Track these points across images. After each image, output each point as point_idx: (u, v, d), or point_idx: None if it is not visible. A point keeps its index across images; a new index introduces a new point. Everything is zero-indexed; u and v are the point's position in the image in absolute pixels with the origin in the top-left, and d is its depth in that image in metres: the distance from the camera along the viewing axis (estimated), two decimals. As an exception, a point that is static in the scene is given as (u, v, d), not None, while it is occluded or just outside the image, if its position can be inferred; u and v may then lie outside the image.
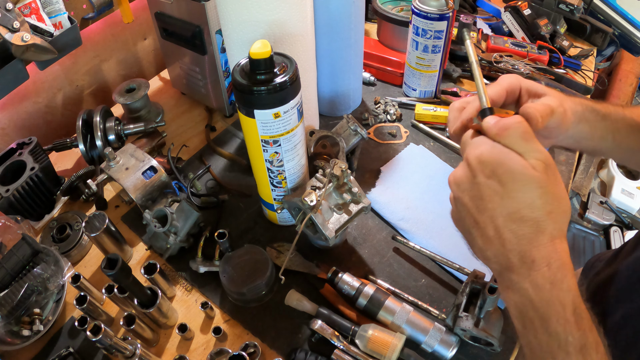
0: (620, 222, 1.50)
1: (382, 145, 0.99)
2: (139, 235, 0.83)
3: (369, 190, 0.88)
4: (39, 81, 1.01)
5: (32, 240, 0.73)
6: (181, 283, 0.77)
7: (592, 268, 0.78)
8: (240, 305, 0.73)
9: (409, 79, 1.07)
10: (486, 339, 0.62)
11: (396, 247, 0.80)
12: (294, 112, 0.64)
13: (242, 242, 0.80)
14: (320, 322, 0.66)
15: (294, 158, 0.70)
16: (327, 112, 1.05)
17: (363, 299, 0.69)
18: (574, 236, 1.48)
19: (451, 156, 0.95)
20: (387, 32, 1.13)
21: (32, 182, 0.81)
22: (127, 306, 0.70)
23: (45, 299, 0.72)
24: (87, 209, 0.89)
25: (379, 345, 0.63)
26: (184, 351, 0.69)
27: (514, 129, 0.42)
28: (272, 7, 0.70)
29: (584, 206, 1.52)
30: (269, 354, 0.67)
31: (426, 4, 0.94)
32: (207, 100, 1.07)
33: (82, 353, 0.68)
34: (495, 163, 0.42)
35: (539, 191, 0.40)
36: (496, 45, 1.17)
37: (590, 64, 1.22)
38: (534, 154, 0.41)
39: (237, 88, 0.61)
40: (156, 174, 0.79)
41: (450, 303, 0.72)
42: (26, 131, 1.02)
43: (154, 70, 1.28)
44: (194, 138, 1.03)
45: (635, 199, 1.52)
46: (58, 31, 0.86)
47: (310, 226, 0.71)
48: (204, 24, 0.88)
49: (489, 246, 0.43)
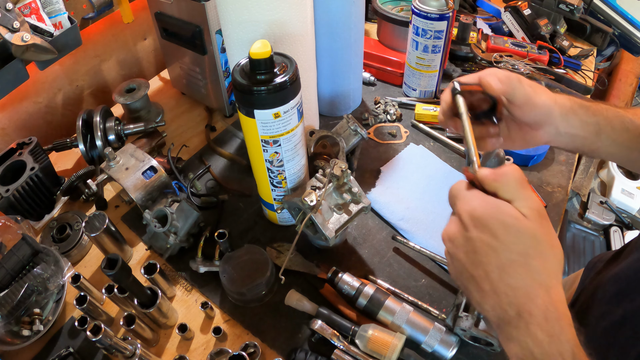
0: (620, 222, 1.50)
1: (382, 145, 0.99)
2: (139, 235, 0.83)
3: (369, 190, 0.88)
4: (39, 81, 1.01)
5: (32, 240, 0.73)
6: (181, 283, 0.77)
7: (593, 268, 0.78)
8: (240, 305, 0.73)
9: (409, 79, 1.07)
10: (486, 339, 0.62)
11: (396, 247, 0.80)
12: (294, 112, 0.64)
13: (242, 242, 0.80)
14: (320, 322, 0.66)
15: (294, 158, 0.70)
16: (327, 112, 1.05)
17: (363, 299, 0.69)
18: (574, 236, 1.48)
19: (451, 156, 0.95)
20: (387, 32, 1.13)
21: (32, 182, 0.81)
22: (127, 306, 0.70)
23: (45, 299, 0.72)
24: (87, 209, 0.89)
25: (379, 345, 0.63)
26: (184, 351, 0.69)
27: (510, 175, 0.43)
28: (272, 7, 0.70)
29: (584, 206, 1.52)
30: (269, 354, 0.67)
31: (426, 4, 0.94)
32: (207, 100, 1.07)
33: (82, 353, 0.68)
34: (487, 217, 0.42)
35: (532, 241, 0.41)
36: (496, 45, 1.17)
37: (590, 64, 1.22)
38: (527, 202, 0.42)
39: (237, 88, 0.61)
40: (156, 174, 0.79)
41: (450, 303, 0.72)
42: (26, 131, 1.02)
43: (154, 70, 1.28)
44: (194, 138, 1.03)
45: (635, 199, 1.52)
46: (58, 31, 0.86)
47: (310, 226, 0.71)
48: (204, 24, 0.88)
49: (486, 300, 0.43)
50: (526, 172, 0.91)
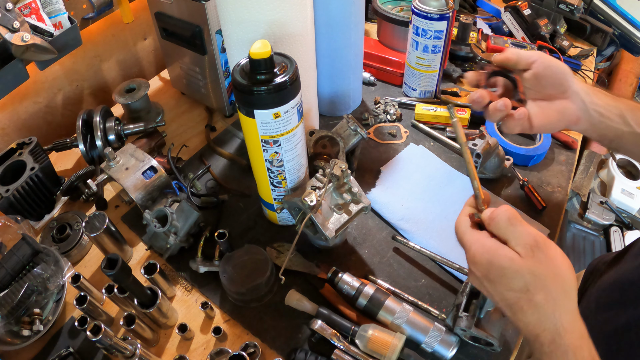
0: (620, 222, 1.49)
1: (382, 145, 0.99)
2: (139, 235, 0.83)
3: (369, 190, 0.88)
4: (39, 81, 1.01)
5: (32, 240, 0.73)
6: (181, 283, 0.77)
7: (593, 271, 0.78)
8: (240, 305, 0.73)
9: (409, 79, 1.07)
10: (486, 339, 0.62)
11: (396, 247, 0.80)
12: (294, 112, 0.64)
13: (242, 242, 0.80)
14: (320, 322, 0.66)
15: (294, 158, 0.70)
16: (327, 112, 1.05)
17: (363, 299, 0.69)
18: (574, 236, 1.47)
19: (451, 156, 0.95)
20: (387, 32, 1.13)
21: (32, 182, 0.81)
22: (127, 306, 0.70)
23: (45, 299, 0.72)
24: (87, 209, 0.89)
25: (379, 345, 0.63)
26: (184, 351, 0.69)
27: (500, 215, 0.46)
28: (272, 7, 0.70)
29: (584, 206, 1.52)
30: (269, 354, 0.67)
31: (426, 4, 0.94)
32: (207, 100, 1.07)
33: (82, 353, 0.68)
34: (485, 262, 0.46)
35: (530, 277, 0.43)
36: (496, 45, 1.17)
37: (590, 64, 1.22)
38: (520, 239, 0.44)
39: (237, 88, 0.61)
40: (156, 174, 0.79)
41: (450, 303, 0.72)
42: (26, 131, 1.02)
43: (154, 70, 1.28)
44: (194, 138, 1.03)
45: (635, 199, 1.52)
46: (58, 31, 0.86)
47: (310, 226, 0.71)
48: (204, 24, 0.88)
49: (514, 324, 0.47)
50: (526, 172, 0.91)
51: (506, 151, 0.92)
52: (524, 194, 0.87)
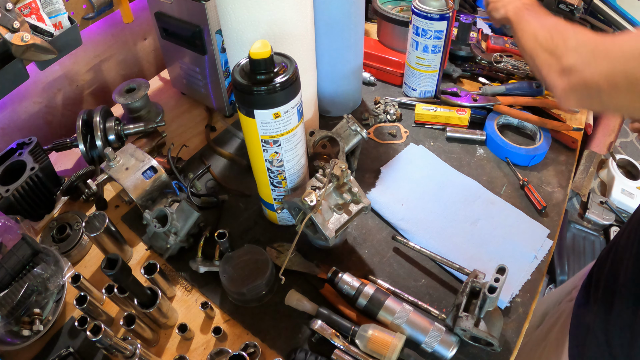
0: (621, 222, 1.49)
1: (382, 145, 0.99)
2: (139, 235, 0.83)
3: (369, 190, 0.88)
4: (39, 81, 1.01)
5: (32, 240, 0.73)
6: (181, 283, 0.77)
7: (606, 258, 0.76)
8: (240, 305, 0.73)
9: (409, 79, 1.07)
10: (486, 339, 0.62)
11: (396, 247, 0.80)
12: (294, 112, 0.64)
13: (242, 242, 0.80)
14: (320, 322, 0.66)
15: (294, 158, 0.70)
16: (327, 112, 1.05)
17: (363, 299, 0.69)
18: (574, 236, 1.47)
19: (451, 156, 0.95)
20: (387, 32, 1.13)
21: (32, 182, 0.81)
22: (127, 306, 0.70)
23: (45, 299, 0.72)
24: (87, 209, 0.89)
25: (379, 345, 0.63)
26: (184, 351, 0.69)
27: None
28: (272, 7, 0.70)
29: (584, 206, 1.52)
30: (269, 354, 0.67)
31: (426, 4, 0.94)
32: (207, 100, 1.07)
33: (82, 353, 0.68)
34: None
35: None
36: (496, 45, 1.17)
37: (590, 64, 1.22)
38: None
39: (237, 88, 0.61)
40: (156, 174, 0.79)
41: (450, 303, 0.72)
42: (26, 131, 1.02)
43: (154, 70, 1.28)
44: (194, 138, 1.03)
45: (635, 199, 1.52)
46: (58, 31, 0.86)
47: (310, 226, 0.71)
48: (204, 24, 0.88)
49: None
50: (526, 172, 0.91)
51: (506, 151, 0.92)
52: (524, 194, 0.87)
